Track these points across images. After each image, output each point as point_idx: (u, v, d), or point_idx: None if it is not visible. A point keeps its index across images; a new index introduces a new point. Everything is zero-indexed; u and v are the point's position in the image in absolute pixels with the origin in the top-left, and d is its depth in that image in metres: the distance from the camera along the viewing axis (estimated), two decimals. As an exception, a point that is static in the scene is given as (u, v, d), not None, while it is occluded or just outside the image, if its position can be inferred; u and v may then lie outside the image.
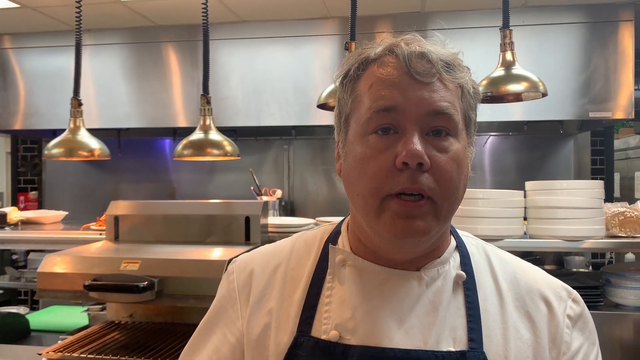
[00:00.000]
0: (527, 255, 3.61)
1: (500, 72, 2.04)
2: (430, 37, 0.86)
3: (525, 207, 2.31)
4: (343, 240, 0.92)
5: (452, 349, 0.82)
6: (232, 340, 0.91)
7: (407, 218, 0.78)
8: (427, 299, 0.85)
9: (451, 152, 0.80)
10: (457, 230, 0.96)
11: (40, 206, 4.40)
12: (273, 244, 1.00)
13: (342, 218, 0.99)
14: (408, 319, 0.83)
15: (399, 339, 0.82)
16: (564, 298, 0.90)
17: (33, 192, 4.46)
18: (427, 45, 0.84)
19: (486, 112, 3.20)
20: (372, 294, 0.85)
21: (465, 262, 0.90)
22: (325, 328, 0.85)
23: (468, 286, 0.87)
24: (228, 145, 2.50)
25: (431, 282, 0.86)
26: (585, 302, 2.46)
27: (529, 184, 2.34)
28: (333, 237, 0.94)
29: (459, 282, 0.87)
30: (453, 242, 0.92)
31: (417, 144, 0.77)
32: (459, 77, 0.84)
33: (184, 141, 2.50)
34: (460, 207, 2.58)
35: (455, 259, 0.90)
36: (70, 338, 1.88)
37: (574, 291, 0.92)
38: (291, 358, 0.84)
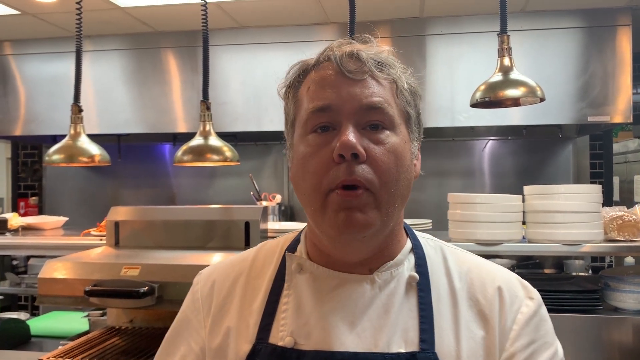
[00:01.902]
0: (526, 260, 3.62)
1: (498, 77, 2.05)
2: (366, 41, 0.89)
3: (524, 212, 2.32)
4: (301, 248, 0.94)
5: (403, 351, 0.83)
6: (197, 350, 0.93)
7: (347, 209, 0.80)
8: (380, 301, 0.86)
9: (388, 144, 0.82)
10: (416, 233, 0.97)
11: (40, 212, 4.41)
12: (238, 254, 1.02)
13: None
14: (360, 322, 0.85)
15: (350, 342, 0.83)
16: (520, 296, 0.89)
17: (33, 198, 4.47)
18: (359, 46, 0.87)
19: (485, 117, 3.21)
20: (325, 299, 0.87)
21: (420, 264, 0.91)
22: (281, 335, 0.87)
23: (421, 287, 0.88)
24: (228, 150, 2.50)
25: (384, 285, 0.87)
26: (584, 306, 2.45)
27: (527, 189, 2.35)
28: (293, 245, 0.96)
29: (412, 283, 0.88)
30: (409, 244, 0.93)
31: (350, 136, 0.80)
32: (392, 74, 0.86)
33: (184, 147, 2.50)
34: (459, 211, 2.59)
35: (410, 261, 0.91)
36: (70, 343, 1.88)
37: (533, 290, 0.92)
38: None
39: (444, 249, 0.96)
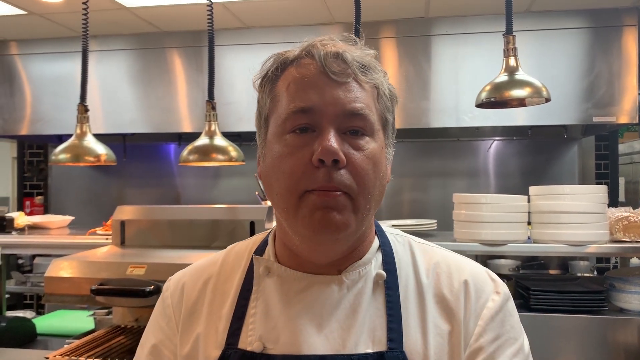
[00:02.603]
0: (531, 260, 3.61)
1: (503, 77, 2.05)
2: (347, 40, 0.87)
3: (529, 212, 2.32)
4: (269, 250, 0.92)
5: (370, 351, 0.82)
6: (171, 357, 0.92)
7: (325, 209, 0.79)
8: (348, 302, 0.85)
9: (367, 150, 0.81)
10: (384, 228, 0.95)
11: (46, 211, 4.42)
12: (207, 258, 1.00)
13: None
14: (328, 324, 0.84)
15: (318, 345, 0.82)
16: (487, 290, 0.88)
17: (39, 197, 4.49)
18: (343, 46, 0.84)
19: (490, 117, 3.21)
20: (293, 302, 0.86)
21: (388, 261, 0.89)
22: (250, 339, 0.85)
23: (389, 285, 0.87)
24: (233, 150, 2.51)
25: (352, 285, 0.86)
26: (589, 306, 2.45)
27: (532, 189, 2.34)
28: (261, 248, 0.94)
29: (379, 281, 0.87)
30: (376, 242, 0.92)
31: (332, 141, 0.78)
32: (374, 78, 0.84)
33: (189, 146, 2.51)
34: (464, 212, 2.59)
35: (377, 259, 0.90)
36: (76, 342, 1.89)
37: (502, 284, 0.90)
38: None
39: (412, 245, 0.94)
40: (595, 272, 3.53)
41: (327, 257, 0.86)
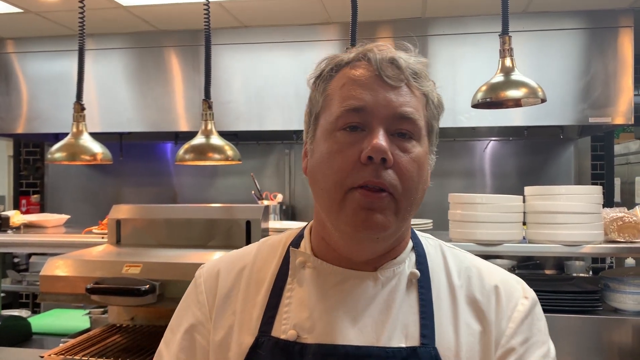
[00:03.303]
0: (527, 260, 3.62)
1: (499, 78, 2.05)
2: (402, 47, 0.91)
3: (524, 212, 2.32)
4: (305, 243, 0.95)
5: (403, 345, 0.85)
6: (203, 343, 0.93)
7: (368, 210, 0.81)
8: (382, 298, 0.88)
9: (413, 153, 0.84)
10: (417, 233, 0.99)
11: (42, 209, 4.42)
12: (241, 248, 1.03)
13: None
14: (362, 318, 0.86)
15: (352, 337, 0.85)
16: (516, 295, 0.92)
17: (35, 196, 4.48)
18: (398, 53, 0.88)
19: (486, 117, 3.21)
20: (329, 294, 0.88)
21: (421, 262, 0.93)
22: (284, 328, 0.88)
23: (422, 284, 0.90)
24: (229, 149, 2.51)
25: (386, 282, 0.89)
26: (584, 307, 2.46)
27: (528, 189, 2.35)
28: (296, 241, 0.97)
29: (412, 280, 0.90)
30: (410, 243, 0.95)
31: (382, 140, 0.81)
32: (425, 86, 0.88)
33: (186, 145, 2.51)
34: (459, 211, 2.60)
35: (411, 259, 0.93)
36: (71, 341, 1.89)
37: (530, 289, 0.94)
38: (252, 357, 0.87)
39: (444, 248, 0.99)
40: (591, 272, 3.54)
41: (365, 255, 0.88)
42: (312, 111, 0.92)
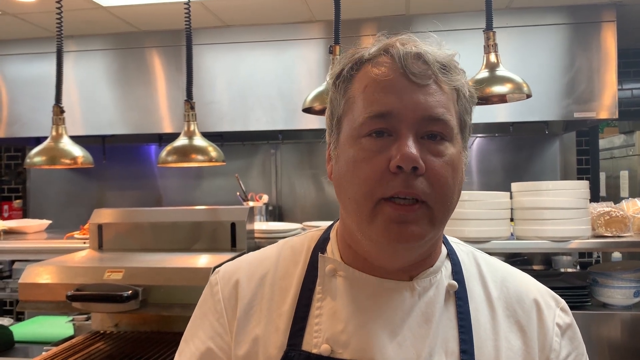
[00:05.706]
0: (515, 256, 3.62)
1: (484, 73, 2.04)
2: (426, 38, 0.84)
3: (511, 209, 2.31)
4: (332, 248, 0.89)
5: None
6: (221, 355, 0.87)
7: (401, 223, 0.76)
8: (420, 310, 0.83)
9: (446, 156, 0.78)
10: (447, 237, 0.94)
11: (25, 215, 4.34)
12: (258, 251, 0.96)
13: (330, 223, 0.95)
14: (401, 332, 0.81)
15: (391, 352, 0.79)
16: (553, 306, 0.90)
17: (17, 201, 4.41)
18: (423, 46, 0.81)
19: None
20: (364, 306, 0.82)
21: (457, 271, 0.88)
22: (316, 342, 0.82)
23: (459, 296, 0.86)
24: (213, 150, 2.48)
25: (423, 292, 0.84)
26: (573, 302, 2.45)
27: (514, 185, 2.34)
28: (321, 245, 0.90)
29: (450, 292, 0.86)
30: (444, 250, 0.90)
31: (412, 148, 0.75)
32: (455, 80, 0.81)
33: (168, 147, 2.47)
34: (447, 209, 2.55)
35: (447, 268, 0.88)
36: (54, 349, 1.85)
37: (562, 300, 0.93)
38: None
39: (476, 255, 0.94)
40: (578, 267, 3.55)
41: (399, 263, 0.83)
42: (334, 114, 0.85)
